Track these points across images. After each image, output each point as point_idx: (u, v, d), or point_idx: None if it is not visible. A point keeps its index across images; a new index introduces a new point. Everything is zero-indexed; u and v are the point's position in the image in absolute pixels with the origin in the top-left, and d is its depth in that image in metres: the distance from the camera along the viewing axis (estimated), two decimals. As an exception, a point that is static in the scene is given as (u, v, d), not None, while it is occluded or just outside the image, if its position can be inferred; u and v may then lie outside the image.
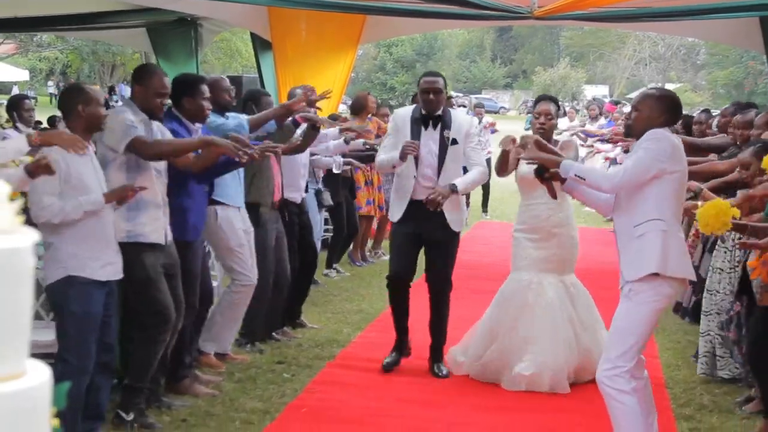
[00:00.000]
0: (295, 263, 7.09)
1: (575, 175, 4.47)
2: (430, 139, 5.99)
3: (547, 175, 4.67)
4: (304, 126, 6.60)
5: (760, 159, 5.28)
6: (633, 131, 4.54)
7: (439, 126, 6.00)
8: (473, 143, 6.14)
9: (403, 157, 5.87)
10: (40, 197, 4.40)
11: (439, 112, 6.03)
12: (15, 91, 34.74)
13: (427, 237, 6.05)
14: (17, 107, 8.52)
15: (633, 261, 4.33)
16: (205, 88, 5.52)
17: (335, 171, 8.98)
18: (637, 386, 4.31)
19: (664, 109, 4.46)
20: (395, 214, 6.13)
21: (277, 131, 6.31)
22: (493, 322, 6.07)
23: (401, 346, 6.29)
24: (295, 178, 7.16)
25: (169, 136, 5.18)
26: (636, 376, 4.33)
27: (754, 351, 5.12)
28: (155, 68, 5.37)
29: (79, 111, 4.53)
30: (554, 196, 5.10)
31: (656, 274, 4.27)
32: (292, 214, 7.07)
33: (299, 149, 6.81)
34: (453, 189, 5.89)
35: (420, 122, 6.01)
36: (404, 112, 6.20)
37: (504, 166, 6.01)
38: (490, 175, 7.49)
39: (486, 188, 14.56)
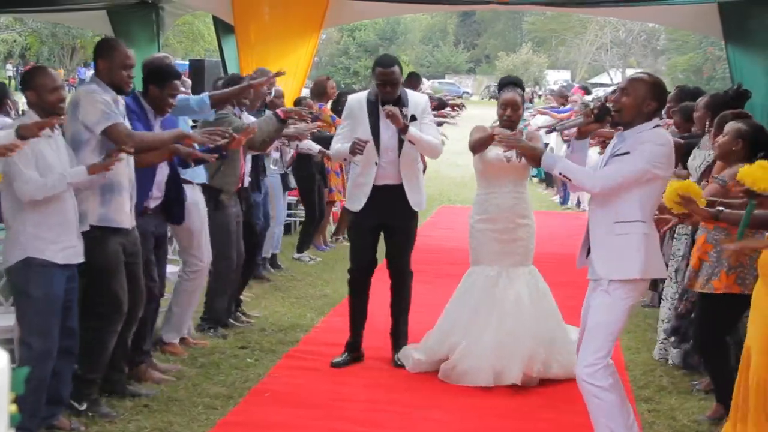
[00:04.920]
0: (241, 248, 6.89)
1: (560, 174, 4.37)
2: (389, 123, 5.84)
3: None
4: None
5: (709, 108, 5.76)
6: (621, 117, 4.26)
7: (396, 108, 5.82)
8: (427, 120, 5.98)
9: (352, 153, 5.77)
10: (20, 171, 4.35)
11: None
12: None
13: (387, 223, 5.97)
14: None
15: (613, 260, 4.22)
16: (176, 84, 5.43)
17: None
18: (614, 382, 4.25)
19: (654, 96, 4.23)
20: (356, 203, 5.97)
21: (215, 121, 6.20)
22: (460, 320, 5.89)
23: (355, 347, 6.14)
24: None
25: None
26: (612, 371, 4.28)
27: (701, 335, 5.20)
28: (117, 41, 5.26)
29: (36, 93, 4.48)
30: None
31: None
32: (242, 198, 7.00)
33: (264, 146, 6.71)
34: (407, 124, 5.73)
35: (377, 108, 5.88)
36: (359, 98, 6.03)
37: (485, 146, 5.78)
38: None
39: None
